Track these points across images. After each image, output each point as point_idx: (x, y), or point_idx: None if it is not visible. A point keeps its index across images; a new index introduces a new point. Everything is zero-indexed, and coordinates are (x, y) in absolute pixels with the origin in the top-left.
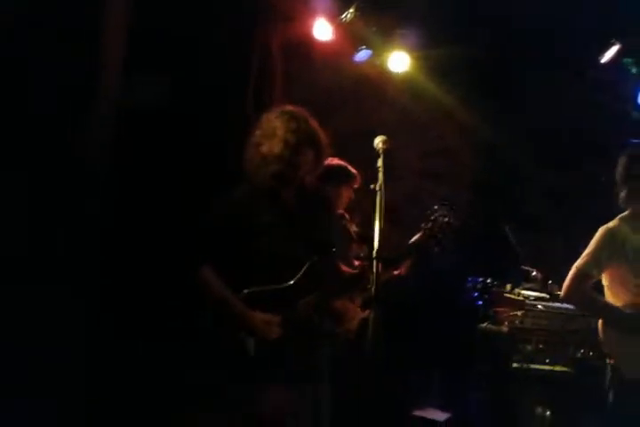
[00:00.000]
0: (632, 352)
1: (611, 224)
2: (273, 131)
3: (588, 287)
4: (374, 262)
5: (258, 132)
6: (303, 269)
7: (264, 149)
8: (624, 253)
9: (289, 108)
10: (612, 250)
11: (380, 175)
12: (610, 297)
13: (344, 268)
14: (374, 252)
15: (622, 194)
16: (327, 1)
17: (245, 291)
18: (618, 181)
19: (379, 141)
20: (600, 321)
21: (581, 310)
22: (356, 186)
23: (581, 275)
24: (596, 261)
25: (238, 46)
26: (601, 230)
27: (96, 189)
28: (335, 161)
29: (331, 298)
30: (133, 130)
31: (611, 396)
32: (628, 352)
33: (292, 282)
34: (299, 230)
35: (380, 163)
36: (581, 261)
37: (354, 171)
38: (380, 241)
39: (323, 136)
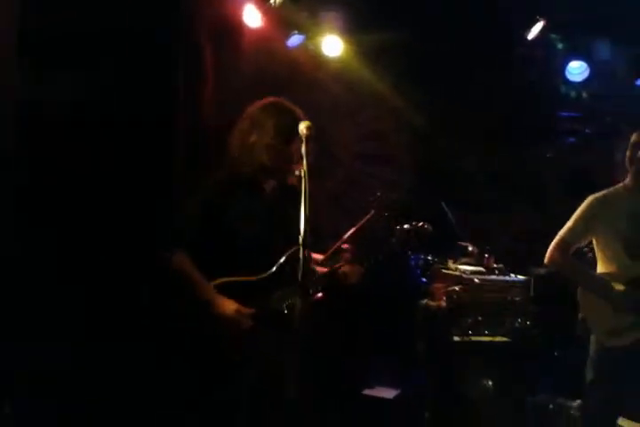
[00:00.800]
0: (603, 320)
1: (598, 194)
2: (263, 121)
3: (569, 254)
4: (300, 249)
5: (246, 122)
6: (279, 262)
7: (253, 138)
8: (606, 222)
9: (278, 99)
10: (592, 219)
11: (305, 161)
12: (600, 265)
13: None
14: (300, 238)
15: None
16: None
17: (219, 280)
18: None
19: (302, 127)
20: (579, 289)
21: (564, 276)
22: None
23: (564, 242)
24: (577, 230)
25: (163, 38)
26: (588, 199)
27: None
28: None
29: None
30: (51, 136)
31: (591, 362)
32: (601, 320)
33: (265, 275)
34: (277, 222)
35: (303, 149)
36: (565, 228)
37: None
38: (305, 227)
39: (311, 128)
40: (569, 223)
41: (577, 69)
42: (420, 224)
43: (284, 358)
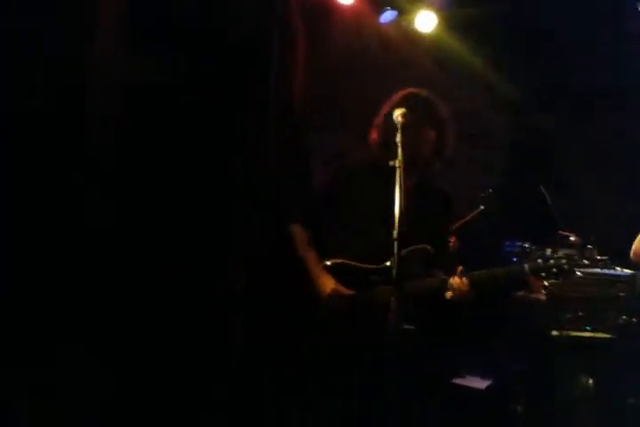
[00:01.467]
0: None
1: None
2: (391, 115)
3: None
4: (395, 244)
5: (381, 114)
6: (396, 257)
7: (382, 132)
8: None
9: (409, 90)
10: None
11: (399, 151)
12: None
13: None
14: (395, 232)
15: None
16: None
17: (334, 260)
18: None
19: (397, 115)
20: None
21: None
22: None
23: None
24: None
25: (257, 16)
26: None
27: (97, 168)
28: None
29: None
30: (139, 108)
31: None
32: None
33: (381, 266)
34: (408, 216)
35: (398, 137)
36: None
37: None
38: (401, 221)
39: (444, 114)
40: None
41: None
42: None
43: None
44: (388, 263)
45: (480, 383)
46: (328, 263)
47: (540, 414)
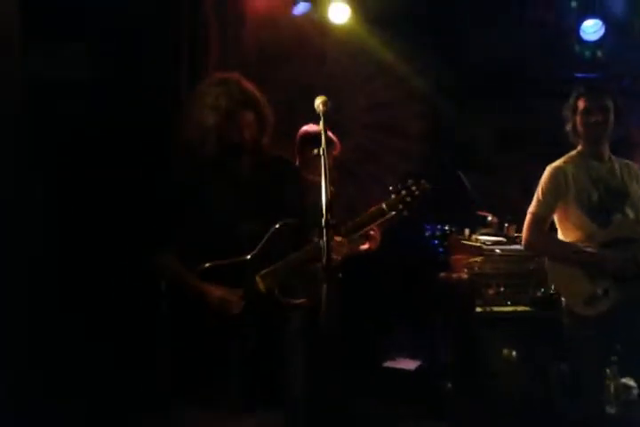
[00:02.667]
0: (578, 289)
1: (556, 163)
2: (203, 100)
3: (546, 231)
4: (324, 231)
5: (190, 103)
6: (263, 241)
7: (197, 119)
8: (569, 191)
9: (217, 74)
10: (558, 189)
11: (323, 138)
12: (563, 235)
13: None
14: (322, 219)
15: (568, 128)
16: None
17: (203, 266)
18: (566, 116)
19: (319, 103)
20: (547, 260)
21: (545, 255)
22: (335, 153)
23: (537, 220)
24: (548, 203)
25: (166, 8)
26: (548, 170)
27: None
28: (313, 127)
29: (294, 267)
30: (47, 104)
31: (565, 331)
32: (575, 290)
33: (249, 255)
34: (258, 201)
35: (321, 125)
36: (534, 205)
37: (333, 137)
38: (328, 207)
39: (258, 95)
40: (538, 198)
41: (591, 28)
42: (414, 182)
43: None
44: (252, 254)
45: (410, 364)
46: (201, 267)
47: (468, 387)
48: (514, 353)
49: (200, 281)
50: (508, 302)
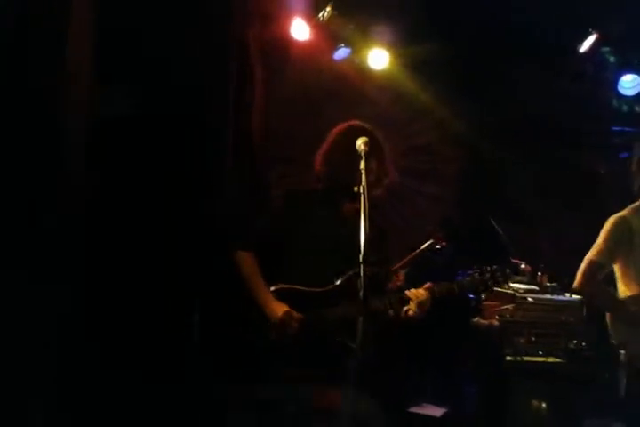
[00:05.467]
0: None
1: (621, 213)
2: (341, 142)
3: (599, 279)
4: (361, 267)
5: (328, 143)
6: (341, 279)
7: (330, 160)
8: (634, 243)
9: (355, 122)
10: (622, 240)
11: (364, 177)
12: (621, 288)
13: None
14: (361, 256)
15: (637, 182)
16: (302, 1)
17: (280, 286)
18: (634, 170)
19: (360, 143)
20: (608, 314)
21: (592, 302)
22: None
23: (594, 266)
24: (608, 252)
25: (215, 49)
26: (611, 220)
27: (74, 197)
28: None
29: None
30: (110, 140)
31: (624, 386)
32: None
33: (327, 288)
34: (351, 241)
35: (362, 165)
36: (593, 251)
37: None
38: (366, 244)
39: (384, 146)
40: (598, 245)
41: (629, 83)
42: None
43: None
44: (329, 288)
45: (436, 411)
46: (274, 288)
47: None
48: (544, 405)
49: (269, 294)
50: (540, 353)
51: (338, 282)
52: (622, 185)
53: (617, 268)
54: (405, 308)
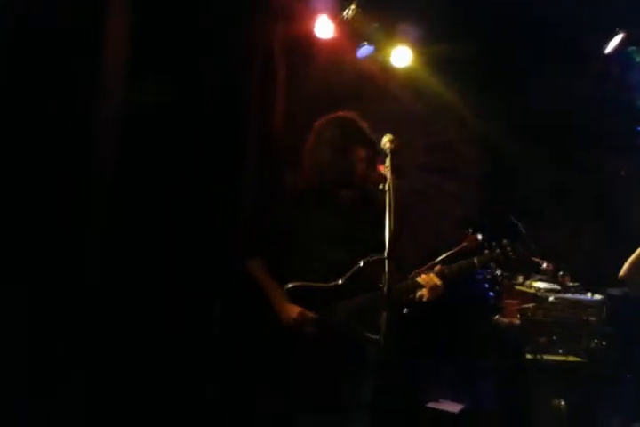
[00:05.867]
0: None
1: None
2: (322, 137)
3: None
4: (386, 262)
5: (310, 141)
6: (351, 271)
7: (316, 155)
8: None
9: (336, 114)
10: None
11: (389, 175)
12: None
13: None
14: (386, 252)
15: None
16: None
17: (289, 285)
18: None
19: (386, 141)
20: None
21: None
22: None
23: None
24: None
25: (240, 46)
26: None
27: (101, 191)
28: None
29: (375, 305)
30: (140, 132)
31: None
32: None
33: (338, 282)
34: (355, 232)
35: (387, 163)
36: None
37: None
38: (391, 241)
39: (371, 134)
40: None
41: None
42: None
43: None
44: (340, 282)
45: (454, 407)
46: (288, 287)
47: None
48: (563, 403)
49: (282, 296)
50: (560, 351)
51: (349, 275)
52: None
53: None
54: (418, 293)
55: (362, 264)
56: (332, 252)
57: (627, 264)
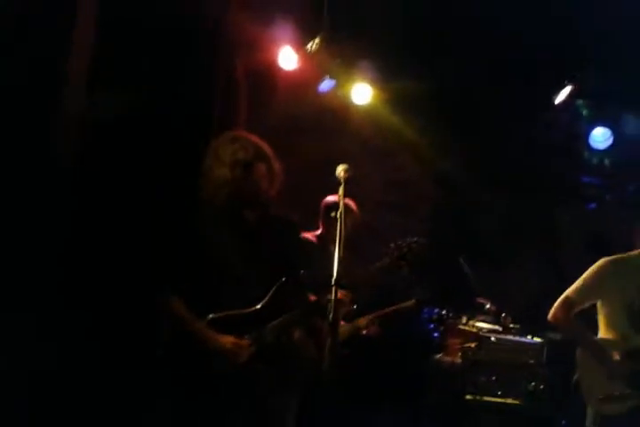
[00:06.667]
0: (601, 385)
1: (613, 258)
2: (219, 156)
3: (573, 314)
4: (333, 289)
5: (207, 160)
6: (270, 293)
7: (214, 174)
8: (613, 289)
9: (230, 132)
10: (601, 283)
11: (341, 203)
12: (602, 330)
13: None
14: (333, 278)
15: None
16: (291, 30)
17: (210, 316)
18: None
19: (340, 170)
20: (578, 350)
21: (565, 336)
22: (355, 224)
23: (568, 302)
24: (587, 290)
25: (202, 73)
26: (601, 262)
27: (57, 200)
28: (333, 197)
29: (297, 323)
30: (97, 145)
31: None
32: (598, 385)
33: (258, 306)
34: (263, 252)
35: (340, 191)
36: (572, 289)
37: (354, 207)
38: (338, 268)
39: (268, 149)
40: (577, 283)
41: (601, 137)
42: (415, 239)
43: (278, 397)
44: (259, 306)
45: None
46: (209, 317)
47: None
48: None
49: (208, 328)
50: (499, 393)
51: (266, 299)
52: (586, 234)
53: (599, 309)
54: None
55: (276, 287)
56: (244, 275)
57: (553, 308)
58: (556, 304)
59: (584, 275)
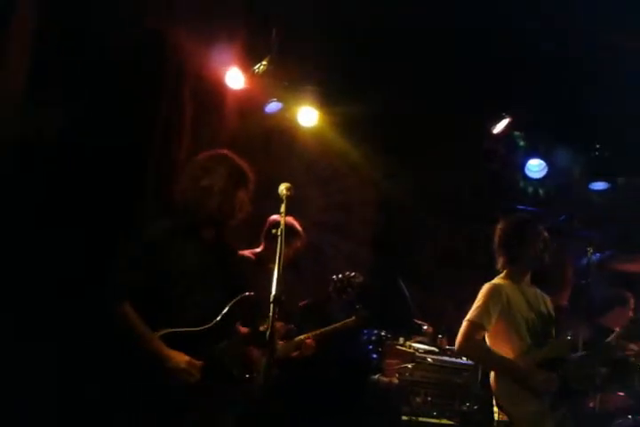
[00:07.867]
0: (524, 409)
1: (495, 281)
2: (214, 167)
3: (480, 339)
4: (271, 307)
5: (197, 167)
6: (222, 313)
7: (205, 182)
8: (507, 308)
9: (225, 151)
10: (498, 303)
11: (282, 220)
12: (501, 351)
13: None
14: (272, 296)
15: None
16: (238, 52)
17: (163, 331)
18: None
19: (283, 188)
20: (493, 375)
21: (476, 362)
22: (299, 244)
23: (473, 327)
24: (487, 314)
25: (147, 91)
26: (487, 286)
27: None
28: (277, 216)
29: (244, 345)
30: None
31: None
32: (521, 409)
33: (208, 326)
34: (218, 272)
35: (282, 208)
36: (473, 313)
37: (299, 229)
38: (278, 285)
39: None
40: (477, 307)
41: (536, 167)
42: (352, 274)
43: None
44: (216, 320)
45: None
46: (161, 332)
47: None
48: None
49: (162, 344)
50: (434, 413)
51: (219, 317)
52: None
53: (488, 335)
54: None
55: (230, 306)
56: (200, 291)
57: (458, 337)
58: (460, 333)
59: (478, 300)
